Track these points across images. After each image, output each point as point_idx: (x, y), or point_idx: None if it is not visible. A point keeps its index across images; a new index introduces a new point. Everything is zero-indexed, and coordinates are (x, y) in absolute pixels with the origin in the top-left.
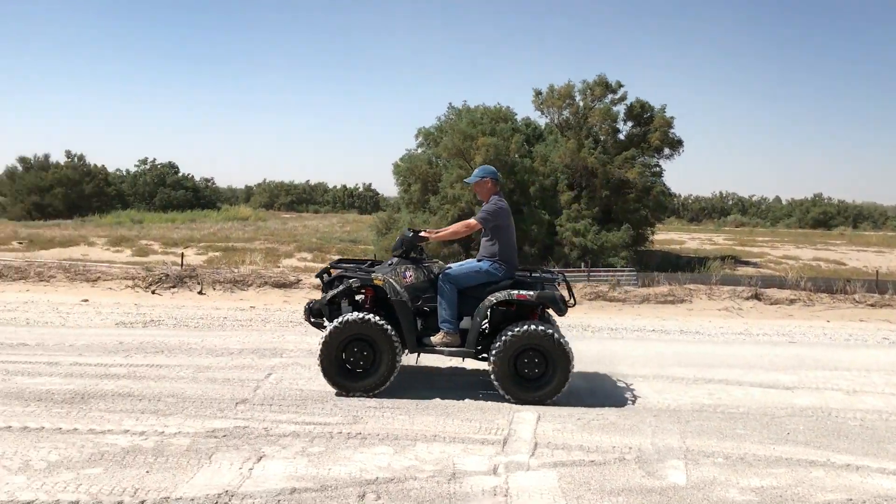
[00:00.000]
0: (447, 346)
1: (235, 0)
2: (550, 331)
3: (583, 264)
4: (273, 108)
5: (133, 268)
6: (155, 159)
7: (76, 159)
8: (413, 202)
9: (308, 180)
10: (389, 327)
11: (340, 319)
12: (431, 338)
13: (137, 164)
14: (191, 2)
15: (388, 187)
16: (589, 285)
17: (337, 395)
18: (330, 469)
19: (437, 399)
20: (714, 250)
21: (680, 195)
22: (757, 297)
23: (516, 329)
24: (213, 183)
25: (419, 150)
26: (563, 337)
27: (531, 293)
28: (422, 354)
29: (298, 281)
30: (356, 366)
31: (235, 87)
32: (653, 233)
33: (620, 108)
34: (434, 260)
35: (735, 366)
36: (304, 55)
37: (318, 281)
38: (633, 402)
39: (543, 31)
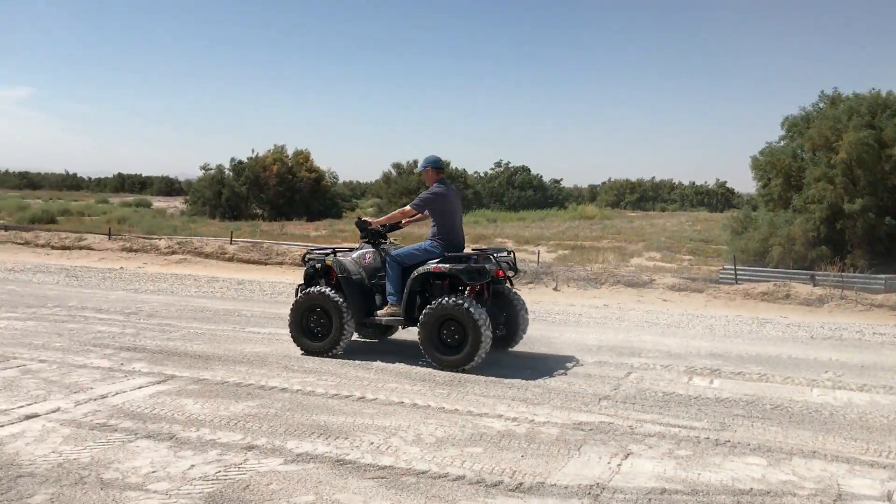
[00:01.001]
0: (389, 316)
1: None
2: (462, 303)
3: None
4: (620, 105)
5: None
6: (509, 162)
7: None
8: (773, 199)
9: (654, 177)
10: (340, 299)
11: (302, 292)
12: (379, 310)
13: (493, 167)
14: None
15: (743, 183)
16: None
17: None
18: (699, 474)
19: (814, 413)
20: None
21: None
22: None
23: (433, 302)
24: (560, 183)
25: (782, 143)
26: (479, 310)
27: (446, 266)
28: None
29: (652, 281)
30: (317, 330)
31: (583, 89)
32: None
33: None
34: (394, 243)
35: None
36: (652, 51)
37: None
38: None
39: None
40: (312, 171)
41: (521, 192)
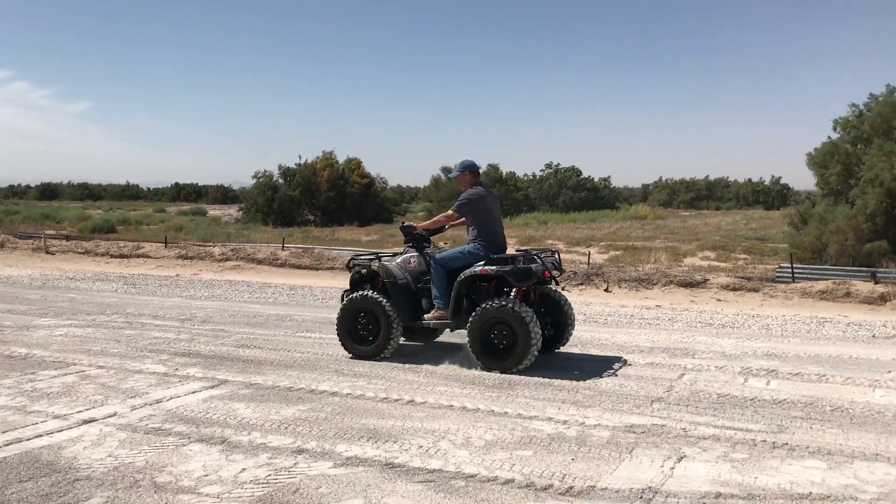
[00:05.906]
0: (437, 320)
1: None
2: (508, 304)
3: None
4: (672, 102)
5: None
6: (559, 164)
7: (491, 168)
8: (832, 189)
9: (707, 176)
10: (387, 303)
11: (350, 296)
12: (427, 313)
13: (543, 169)
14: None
15: (800, 181)
16: None
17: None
18: (756, 478)
19: (876, 414)
20: None
21: None
22: None
23: (479, 307)
24: (610, 182)
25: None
26: (526, 310)
27: (492, 267)
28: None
29: (705, 281)
30: (365, 334)
31: (631, 86)
32: None
33: None
34: (437, 247)
35: None
36: (704, 47)
37: None
38: None
39: None
40: (364, 176)
41: (573, 193)
